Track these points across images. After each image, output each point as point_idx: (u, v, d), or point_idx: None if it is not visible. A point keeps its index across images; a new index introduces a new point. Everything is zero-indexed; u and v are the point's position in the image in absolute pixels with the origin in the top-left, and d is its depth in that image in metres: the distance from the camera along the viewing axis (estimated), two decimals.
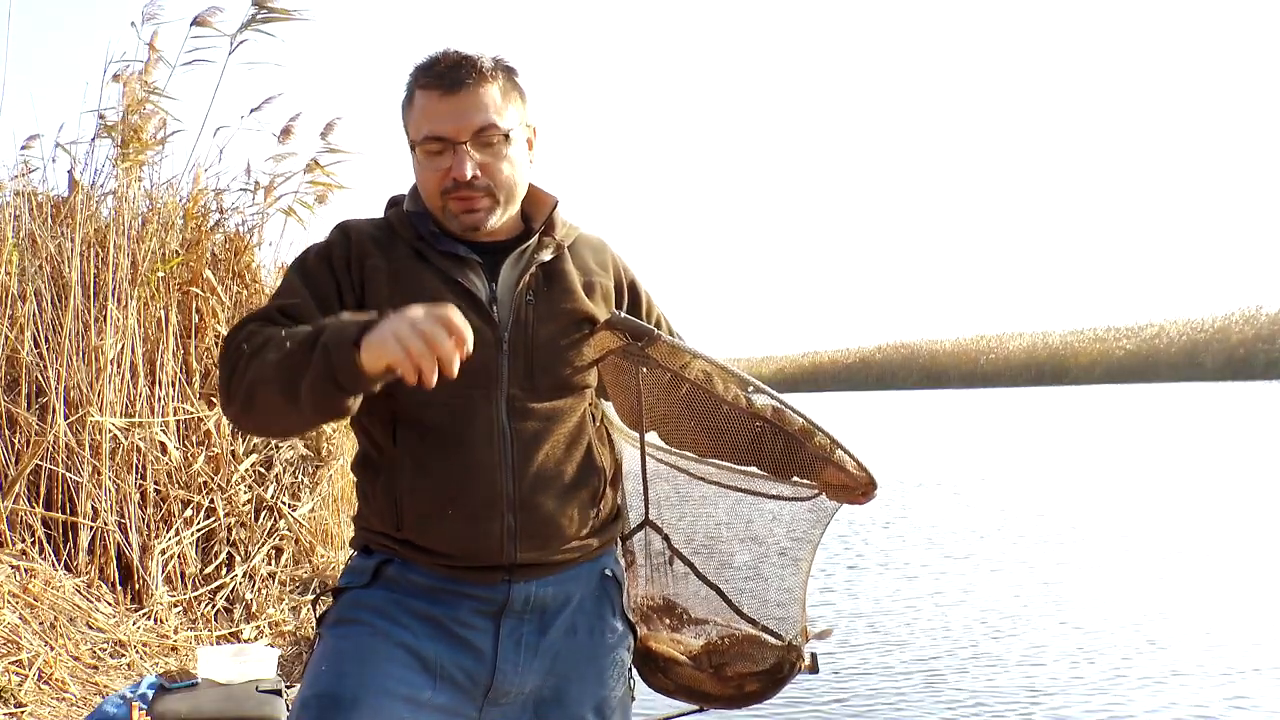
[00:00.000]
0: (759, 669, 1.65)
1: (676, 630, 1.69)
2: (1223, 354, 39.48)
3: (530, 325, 1.58)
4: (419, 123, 1.58)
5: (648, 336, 1.61)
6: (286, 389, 1.37)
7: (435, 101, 1.56)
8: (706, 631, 1.68)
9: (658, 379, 1.65)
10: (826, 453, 1.66)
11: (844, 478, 1.66)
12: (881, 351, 56.10)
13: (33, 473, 4.16)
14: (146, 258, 4.66)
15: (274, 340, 1.41)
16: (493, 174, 1.57)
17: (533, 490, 1.55)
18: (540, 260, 1.62)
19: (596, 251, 1.73)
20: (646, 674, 1.70)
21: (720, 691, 1.67)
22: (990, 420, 22.92)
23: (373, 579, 1.57)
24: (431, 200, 1.60)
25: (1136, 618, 5.23)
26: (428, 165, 1.58)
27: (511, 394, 1.55)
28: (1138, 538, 7.54)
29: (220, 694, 2.95)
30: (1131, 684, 4.19)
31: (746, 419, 1.67)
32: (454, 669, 1.53)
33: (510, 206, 1.62)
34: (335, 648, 1.53)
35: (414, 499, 1.53)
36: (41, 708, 3.39)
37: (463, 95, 1.55)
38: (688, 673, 1.65)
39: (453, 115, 1.55)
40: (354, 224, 1.64)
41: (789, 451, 1.66)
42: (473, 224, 1.58)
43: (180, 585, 4.38)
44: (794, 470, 1.68)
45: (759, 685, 1.66)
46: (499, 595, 1.55)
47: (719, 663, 1.64)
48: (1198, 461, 12.38)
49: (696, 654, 1.66)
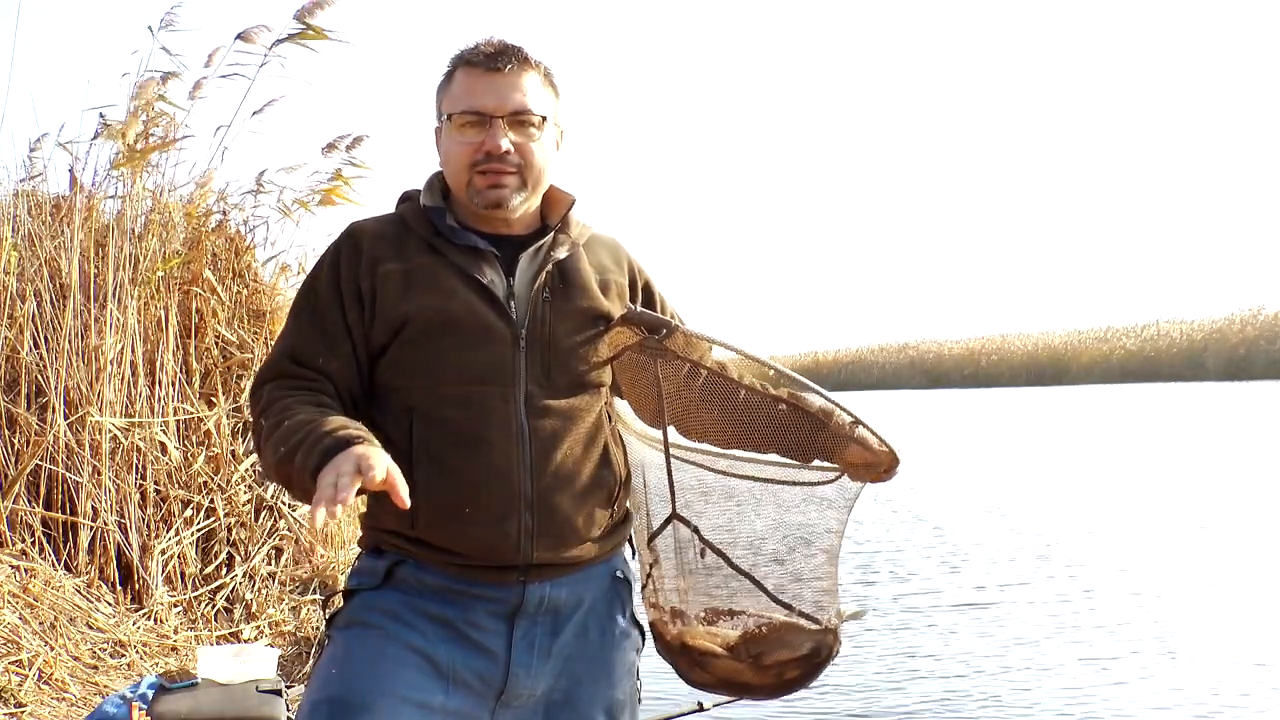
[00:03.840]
0: (798, 654, 1.64)
1: (712, 623, 1.68)
2: (1224, 354, 39.43)
3: (547, 323, 1.58)
4: (458, 97, 1.59)
5: (665, 328, 1.62)
6: (294, 490, 1.46)
7: (477, 78, 1.58)
8: (743, 622, 1.67)
9: (676, 371, 1.65)
10: (848, 431, 1.65)
11: (867, 455, 1.65)
12: (882, 351, 56.06)
13: (33, 473, 4.15)
14: (147, 257, 4.65)
15: (277, 430, 1.47)
16: (525, 154, 1.58)
17: (550, 489, 1.54)
18: (556, 258, 1.62)
19: (611, 250, 1.73)
20: (685, 669, 1.68)
21: (761, 681, 1.65)
22: (991, 420, 22.90)
23: (384, 580, 1.56)
24: (458, 176, 1.60)
25: (1143, 619, 5.22)
26: (460, 139, 1.58)
27: (529, 391, 1.55)
28: (1138, 537, 7.53)
29: (220, 694, 2.94)
30: (1135, 686, 4.18)
31: (767, 402, 1.67)
32: (467, 672, 1.53)
33: (534, 193, 1.62)
34: (346, 651, 1.53)
35: (430, 497, 1.51)
36: (41, 708, 3.38)
37: (506, 75, 1.58)
38: (726, 664, 1.64)
39: (493, 92, 1.57)
40: (363, 226, 1.64)
41: (810, 433, 1.66)
42: (496, 199, 1.58)
43: (180, 585, 4.37)
44: (816, 453, 1.68)
45: (799, 672, 1.65)
46: (513, 596, 1.55)
47: (757, 652, 1.63)
48: (1198, 461, 12.37)
49: (734, 645, 1.65)
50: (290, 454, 1.41)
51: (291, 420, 1.46)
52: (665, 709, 2.95)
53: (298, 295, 1.64)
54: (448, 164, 1.62)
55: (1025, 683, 4.23)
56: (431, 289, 1.54)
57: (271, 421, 1.48)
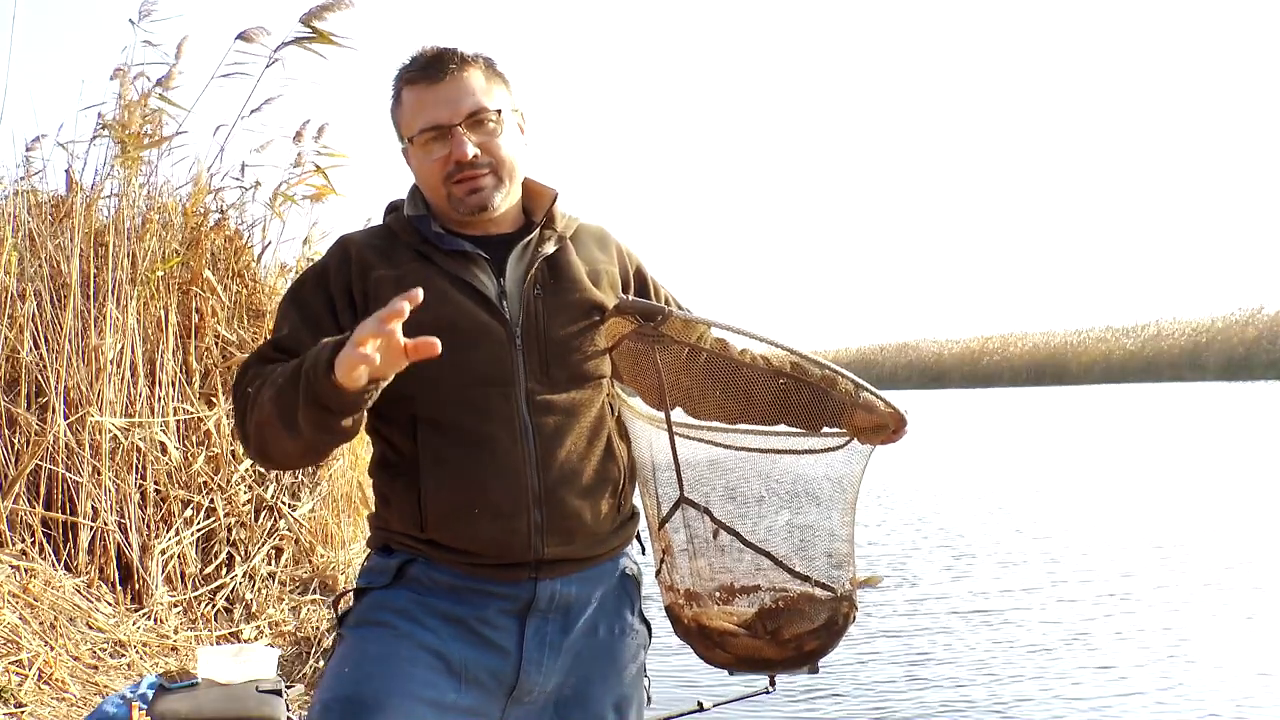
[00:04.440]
0: (815, 625, 1.64)
1: (726, 602, 1.68)
2: (1223, 354, 39.42)
3: (541, 319, 1.59)
4: (411, 117, 1.59)
5: (660, 315, 1.62)
6: (286, 424, 1.41)
7: (424, 93, 1.58)
8: (759, 598, 1.67)
9: (675, 355, 1.66)
10: (852, 396, 1.65)
11: (874, 419, 1.66)
12: (883, 351, 56.08)
13: (33, 473, 4.15)
14: (146, 257, 4.65)
15: (269, 379, 1.44)
16: (492, 152, 1.59)
17: (557, 485, 1.55)
18: (544, 253, 1.62)
19: (599, 240, 1.73)
20: (704, 650, 1.68)
21: (780, 655, 1.65)
22: (991, 420, 22.91)
23: (395, 579, 1.57)
24: (434, 191, 1.60)
25: (1151, 625, 5.22)
26: (426, 157, 1.59)
27: (530, 389, 1.55)
28: (1137, 538, 7.53)
29: (220, 694, 2.94)
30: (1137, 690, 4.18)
31: (769, 378, 1.68)
32: (479, 670, 1.54)
33: (513, 186, 1.63)
34: (358, 650, 1.53)
35: (438, 499, 1.53)
36: (41, 708, 3.38)
37: (449, 82, 1.57)
38: (744, 642, 1.64)
39: (444, 102, 1.57)
40: (353, 238, 1.64)
41: (815, 402, 1.66)
42: (479, 204, 1.58)
43: (180, 585, 4.37)
44: (823, 420, 1.68)
45: (818, 643, 1.64)
46: (524, 593, 1.55)
47: (774, 626, 1.63)
48: (1198, 461, 12.37)
49: (750, 622, 1.64)
50: (293, 377, 1.39)
51: (283, 366, 1.46)
52: (665, 709, 2.95)
53: (284, 300, 1.64)
54: (422, 182, 1.63)
55: (1030, 687, 4.23)
56: (423, 295, 1.55)
57: (259, 383, 1.47)
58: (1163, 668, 4.37)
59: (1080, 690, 4.13)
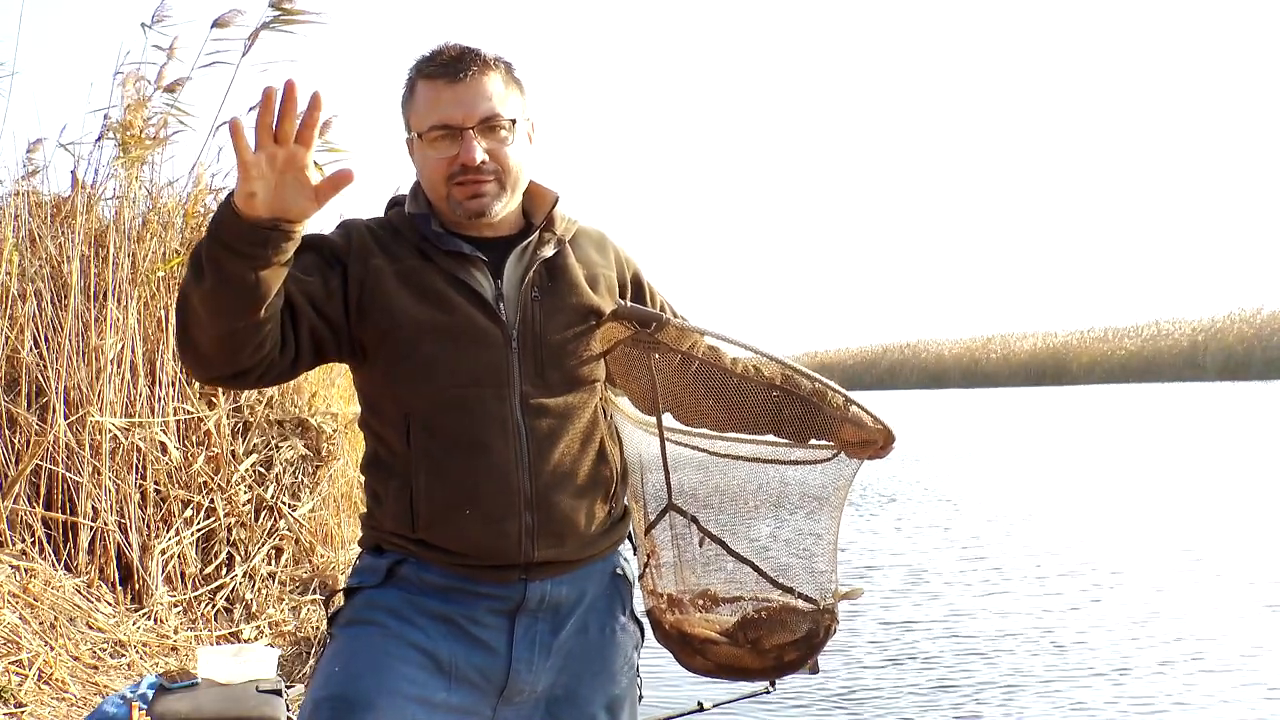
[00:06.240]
0: (795, 637, 1.65)
1: (709, 610, 1.69)
2: (1222, 354, 39.43)
3: (538, 322, 1.58)
4: (424, 113, 1.57)
5: (656, 322, 1.63)
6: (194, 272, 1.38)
7: (440, 90, 1.56)
8: (741, 607, 1.68)
9: (669, 362, 1.67)
10: (842, 411, 1.66)
11: (862, 433, 1.67)
12: (884, 351, 56.08)
13: (33, 473, 4.15)
14: (146, 257, 4.66)
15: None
16: (500, 159, 1.57)
17: (549, 488, 1.55)
18: (543, 257, 1.62)
19: (598, 244, 1.73)
20: (684, 657, 1.69)
21: (760, 665, 1.66)
22: (992, 420, 22.91)
23: (386, 578, 1.57)
24: (436, 189, 1.59)
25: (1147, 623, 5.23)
26: (433, 154, 1.57)
27: (524, 391, 1.55)
28: (1140, 538, 7.54)
29: (220, 694, 2.94)
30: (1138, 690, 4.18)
31: (760, 389, 1.69)
32: (469, 669, 1.54)
33: (514, 195, 1.62)
34: (348, 648, 1.53)
35: (430, 499, 1.53)
36: (41, 708, 3.39)
37: (468, 83, 1.56)
38: (725, 650, 1.65)
39: (459, 103, 1.55)
40: (355, 223, 1.64)
41: (805, 415, 1.67)
42: (478, 209, 1.57)
43: (180, 585, 4.38)
44: (812, 433, 1.69)
45: (798, 654, 1.66)
46: (515, 594, 1.55)
47: (755, 636, 1.64)
48: (1198, 461, 12.37)
49: (732, 630, 1.66)
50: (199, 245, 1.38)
51: None
52: (664, 709, 2.95)
53: None
54: (424, 179, 1.61)
55: (1030, 686, 4.23)
56: (421, 295, 1.55)
57: None
58: (1160, 668, 4.38)
59: (1082, 693, 4.13)
